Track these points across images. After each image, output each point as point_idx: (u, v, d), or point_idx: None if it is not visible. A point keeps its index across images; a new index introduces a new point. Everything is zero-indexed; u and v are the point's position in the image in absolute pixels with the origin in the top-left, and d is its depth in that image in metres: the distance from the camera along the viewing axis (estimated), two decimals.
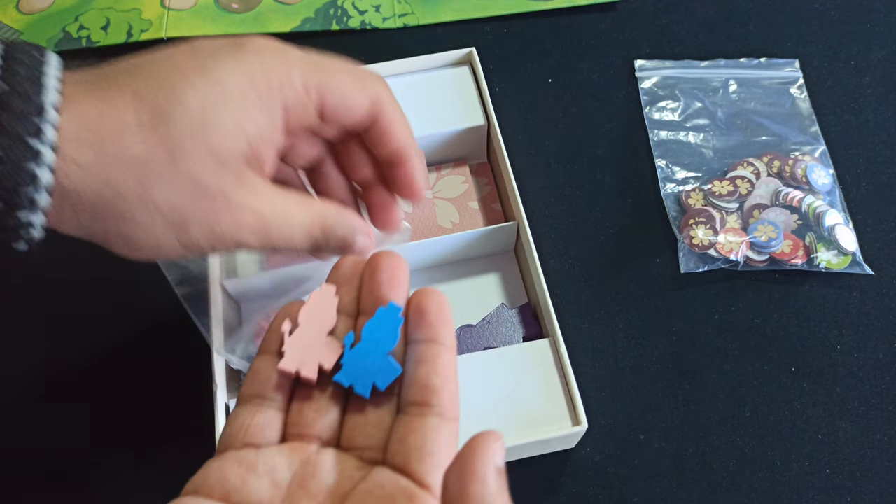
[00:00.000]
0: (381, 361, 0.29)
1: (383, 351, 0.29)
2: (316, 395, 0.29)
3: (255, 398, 0.29)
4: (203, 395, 0.43)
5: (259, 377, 0.30)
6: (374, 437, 0.28)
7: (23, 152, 0.26)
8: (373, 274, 0.31)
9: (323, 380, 0.30)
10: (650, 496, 0.44)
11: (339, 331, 0.30)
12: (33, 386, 0.48)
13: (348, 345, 0.29)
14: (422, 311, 0.29)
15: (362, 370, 0.29)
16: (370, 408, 0.29)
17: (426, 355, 0.28)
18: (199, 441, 0.43)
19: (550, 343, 0.44)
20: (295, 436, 0.29)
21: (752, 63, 0.60)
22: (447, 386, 0.28)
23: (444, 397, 0.28)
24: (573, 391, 0.42)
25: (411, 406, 0.28)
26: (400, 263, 0.31)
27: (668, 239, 0.53)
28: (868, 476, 0.45)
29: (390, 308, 0.29)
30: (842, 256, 0.51)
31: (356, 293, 0.31)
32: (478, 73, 0.54)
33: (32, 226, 0.27)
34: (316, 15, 0.64)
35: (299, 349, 0.29)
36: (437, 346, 0.29)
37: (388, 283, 0.30)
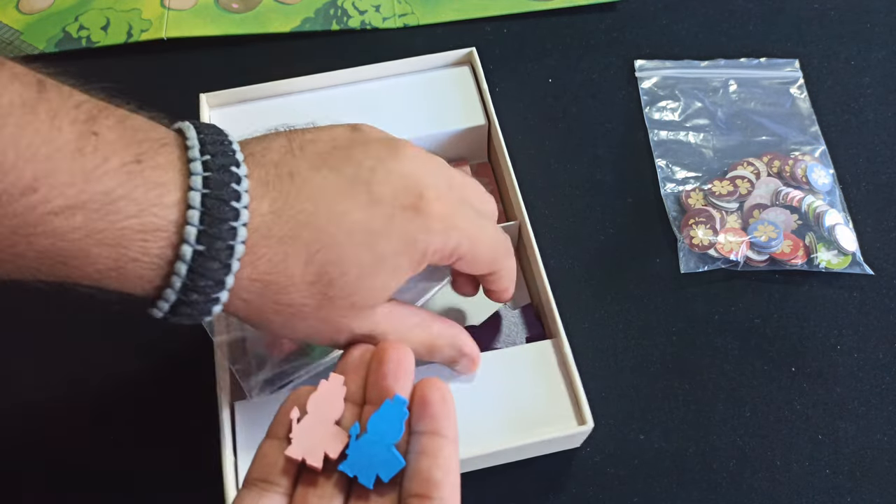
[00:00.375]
0: (385, 453, 0.30)
1: (388, 443, 0.30)
2: (321, 482, 0.30)
3: (261, 482, 0.30)
4: (209, 398, 0.44)
5: (265, 461, 0.31)
6: None
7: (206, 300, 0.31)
8: (379, 365, 0.32)
9: (328, 467, 0.30)
10: (650, 496, 0.44)
11: (344, 420, 0.32)
12: (38, 388, 0.48)
13: (354, 435, 0.30)
14: (425, 403, 0.30)
15: (367, 461, 0.30)
16: (373, 498, 0.30)
17: (428, 448, 0.30)
18: (204, 444, 0.43)
19: (554, 343, 0.44)
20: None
21: (752, 63, 0.60)
22: (448, 479, 0.29)
23: (445, 490, 0.29)
24: (578, 391, 0.42)
25: (413, 498, 0.29)
26: (405, 354, 0.32)
27: (668, 239, 0.53)
28: (868, 476, 0.45)
29: (396, 401, 0.30)
30: (842, 256, 0.51)
31: (363, 382, 0.33)
32: (478, 72, 0.54)
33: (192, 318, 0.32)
34: (316, 15, 0.64)
35: (306, 437, 0.31)
36: (439, 438, 0.30)
37: (393, 374, 0.32)
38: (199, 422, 0.44)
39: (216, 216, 0.29)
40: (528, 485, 0.44)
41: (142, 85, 0.61)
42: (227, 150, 0.31)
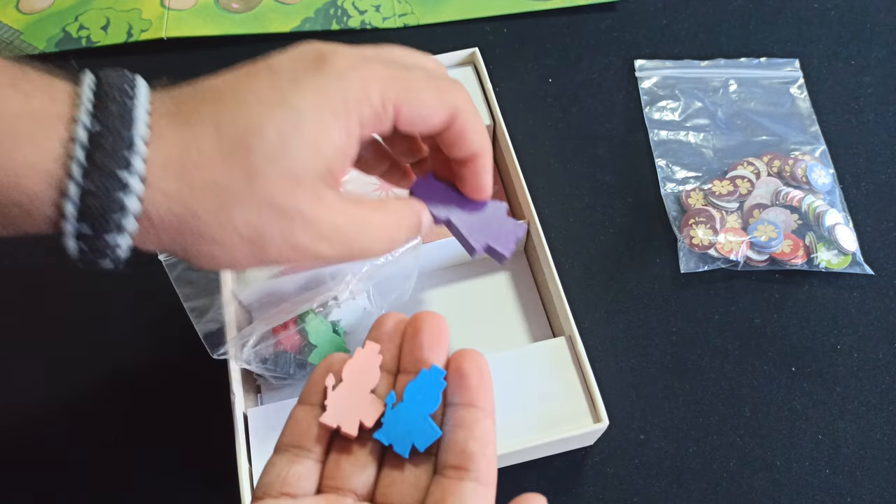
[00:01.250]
0: (421, 423, 0.29)
1: (424, 413, 0.30)
2: (354, 450, 0.30)
3: (293, 448, 0.30)
4: (222, 405, 0.44)
5: (298, 428, 0.31)
6: (410, 496, 0.29)
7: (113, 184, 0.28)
8: (415, 335, 0.31)
9: (362, 435, 0.30)
10: (650, 496, 0.44)
11: (379, 389, 0.31)
12: (40, 391, 0.49)
13: (390, 404, 0.30)
14: (462, 375, 0.30)
15: (402, 430, 0.29)
16: (407, 467, 0.29)
17: (465, 420, 0.29)
18: (216, 450, 0.43)
19: (567, 341, 0.44)
20: (331, 488, 0.29)
21: (752, 63, 0.60)
22: (485, 451, 0.28)
23: (481, 463, 0.28)
24: (592, 388, 0.42)
25: (449, 469, 0.28)
26: (442, 325, 0.31)
27: (668, 239, 0.53)
28: (868, 476, 0.45)
29: (434, 371, 0.30)
30: (842, 256, 0.51)
31: (397, 351, 0.32)
32: (481, 73, 0.54)
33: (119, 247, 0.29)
34: (316, 15, 0.64)
35: (341, 404, 0.30)
36: (476, 410, 0.29)
37: (429, 345, 0.31)
38: (213, 429, 0.44)
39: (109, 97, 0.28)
40: (529, 485, 0.44)
41: None
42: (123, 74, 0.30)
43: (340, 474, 0.29)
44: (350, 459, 0.30)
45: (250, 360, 0.43)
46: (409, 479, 0.29)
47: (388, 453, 0.30)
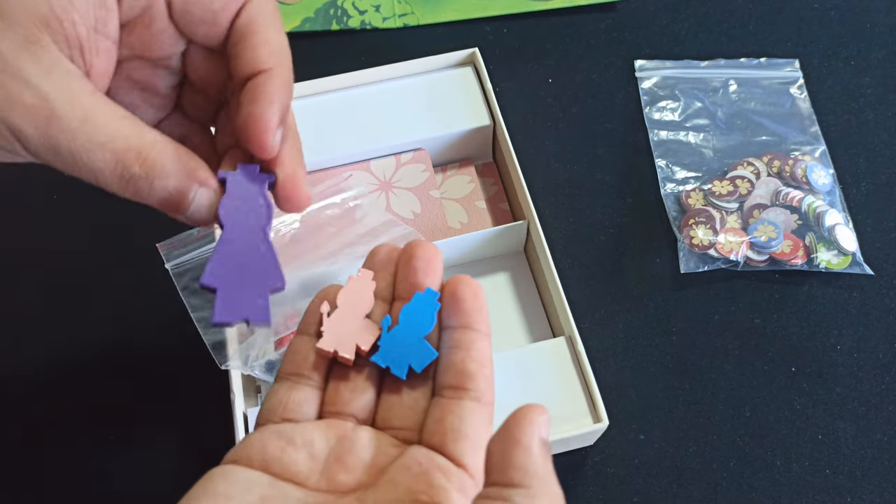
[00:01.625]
0: (417, 344, 0.29)
1: (420, 334, 0.30)
2: (352, 376, 0.30)
3: (293, 376, 0.30)
4: (222, 405, 0.44)
5: (297, 356, 0.30)
6: (410, 418, 0.29)
7: None
8: (409, 261, 0.31)
9: (359, 361, 0.30)
10: (650, 496, 0.44)
11: (375, 314, 0.31)
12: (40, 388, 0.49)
13: (385, 327, 0.30)
14: (457, 299, 0.30)
15: (399, 352, 0.30)
16: (405, 390, 0.29)
17: (462, 341, 0.29)
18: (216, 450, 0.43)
19: (567, 341, 0.44)
20: (331, 413, 0.29)
21: (752, 63, 0.60)
22: (483, 371, 0.29)
23: (479, 382, 0.28)
24: (592, 388, 0.42)
25: (447, 389, 0.28)
26: (435, 252, 0.31)
27: (668, 239, 0.53)
28: (868, 476, 0.45)
29: (428, 293, 0.30)
30: (842, 256, 0.51)
31: (391, 279, 0.32)
32: (481, 73, 0.54)
33: None
34: (316, 15, 0.64)
35: (337, 330, 0.30)
36: (472, 332, 0.29)
37: (423, 270, 0.31)
38: (213, 429, 0.44)
39: None
40: None
41: None
42: None
43: (340, 399, 0.29)
44: (349, 385, 0.30)
45: (254, 369, 0.43)
46: (407, 402, 0.29)
47: (386, 378, 0.30)
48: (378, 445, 0.28)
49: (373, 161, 0.53)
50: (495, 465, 0.23)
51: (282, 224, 0.48)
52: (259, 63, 0.28)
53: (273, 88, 0.28)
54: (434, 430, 0.27)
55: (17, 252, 0.53)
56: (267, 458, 0.27)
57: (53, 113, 0.25)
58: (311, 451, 0.27)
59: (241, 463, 0.27)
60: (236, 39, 0.29)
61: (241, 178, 0.29)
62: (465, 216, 0.53)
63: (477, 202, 0.53)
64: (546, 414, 0.24)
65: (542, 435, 0.24)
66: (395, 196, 0.52)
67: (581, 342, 0.44)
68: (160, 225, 0.48)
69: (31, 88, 0.25)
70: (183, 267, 0.44)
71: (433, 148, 0.53)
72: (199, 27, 0.29)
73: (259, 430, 0.28)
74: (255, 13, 0.29)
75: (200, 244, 0.45)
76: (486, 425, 0.28)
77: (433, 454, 0.27)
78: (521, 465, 0.23)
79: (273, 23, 0.29)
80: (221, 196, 0.29)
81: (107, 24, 0.27)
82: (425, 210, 0.51)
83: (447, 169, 0.55)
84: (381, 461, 0.27)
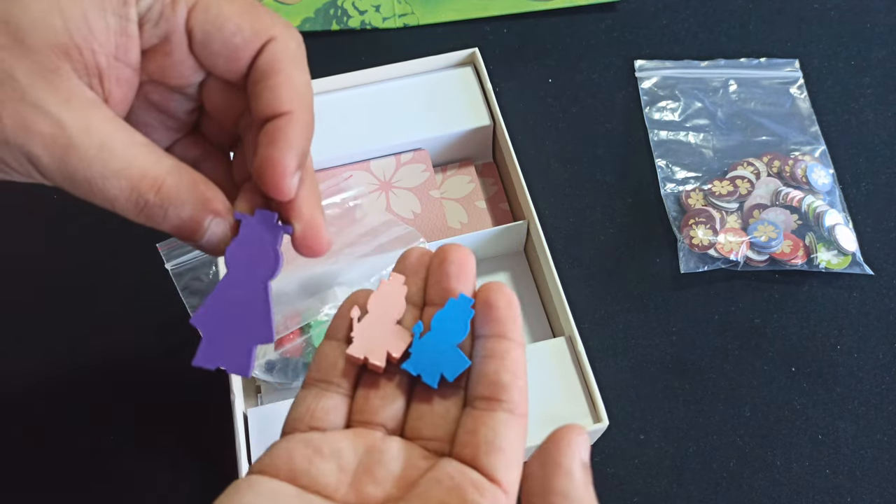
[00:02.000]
0: (450, 352, 0.29)
1: (453, 342, 0.29)
2: (382, 383, 0.29)
3: (321, 382, 0.29)
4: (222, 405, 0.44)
5: (325, 362, 0.30)
6: (441, 428, 0.28)
7: None
8: (441, 265, 0.30)
9: (390, 368, 0.29)
10: (650, 496, 0.44)
11: (406, 321, 0.30)
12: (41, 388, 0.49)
13: (417, 334, 0.29)
14: (491, 307, 0.29)
15: (431, 360, 0.29)
16: (437, 399, 0.29)
17: (495, 350, 0.28)
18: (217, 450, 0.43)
19: (567, 341, 0.44)
20: (360, 422, 0.29)
21: (752, 63, 0.60)
22: (517, 382, 0.28)
23: (513, 393, 0.28)
24: (592, 388, 0.42)
25: (480, 400, 0.28)
26: (468, 256, 0.30)
27: (668, 239, 0.53)
28: (868, 476, 0.45)
29: (462, 300, 0.29)
30: (842, 256, 0.51)
31: (422, 284, 0.31)
32: (481, 73, 0.54)
33: None
34: (316, 15, 0.64)
35: (368, 336, 0.29)
36: (506, 341, 0.28)
37: (456, 275, 0.30)
38: (213, 429, 0.44)
39: None
40: None
41: None
42: None
43: (369, 408, 0.29)
44: (378, 393, 0.29)
45: (255, 370, 0.43)
46: (438, 412, 0.28)
47: (417, 386, 0.29)
48: (408, 457, 0.27)
49: (373, 161, 0.53)
50: (535, 489, 0.23)
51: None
52: (280, 105, 0.28)
53: (293, 133, 0.28)
54: (466, 443, 0.27)
55: (17, 252, 0.53)
56: (294, 469, 0.26)
57: (71, 142, 0.25)
58: (340, 461, 0.27)
59: (268, 473, 0.26)
60: (257, 78, 0.28)
61: (256, 224, 0.29)
62: (465, 216, 0.53)
63: (477, 202, 0.53)
64: (585, 434, 0.23)
65: (583, 457, 0.23)
66: (395, 196, 0.52)
67: (581, 342, 0.44)
68: None
69: (48, 117, 0.25)
70: (183, 267, 0.44)
71: (433, 148, 0.53)
72: (218, 60, 0.29)
73: (286, 438, 0.28)
74: (279, 52, 0.28)
75: None
76: (520, 438, 0.27)
77: (465, 468, 0.26)
78: (563, 490, 0.22)
79: (297, 63, 0.29)
80: (235, 233, 0.29)
81: (127, 52, 0.27)
82: (425, 210, 0.51)
83: (447, 169, 0.55)
84: (411, 474, 0.27)
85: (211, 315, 0.29)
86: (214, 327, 0.29)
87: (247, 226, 0.29)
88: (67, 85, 0.25)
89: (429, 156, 0.53)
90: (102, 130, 0.26)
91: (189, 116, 0.32)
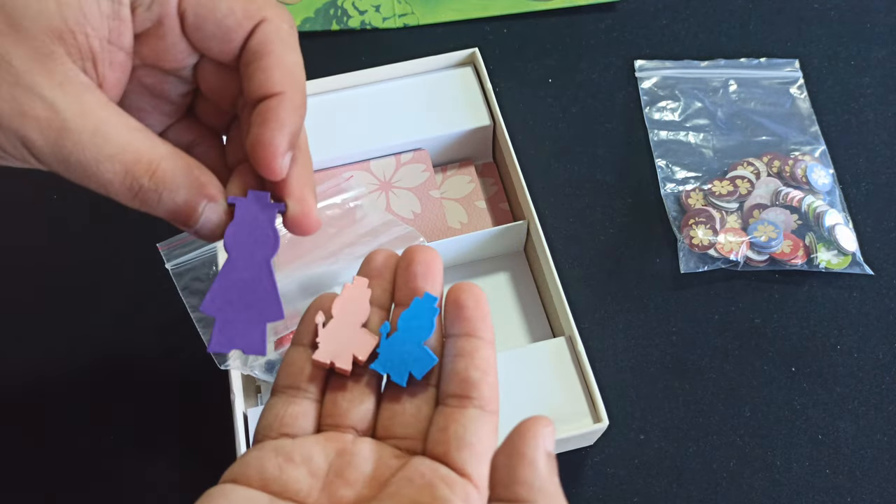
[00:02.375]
0: (417, 351, 0.29)
1: (419, 340, 0.29)
2: (350, 386, 0.29)
3: (289, 389, 0.29)
4: (222, 405, 0.44)
5: (293, 368, 0.30)
6: (412, 426, 0.28)
7: None
8: (408, 266, 0.30)
9: (357, 371, 0.30)
10: (650, 496, 0.44)
11: (372, 322, 0.31)
12: (40, 387, 0.49)
13: (384, 334, 0.30)
14: (460, 306, 0.29)
15: (399, 359, 0.29)
16: (406, 398, 0.29)
17: (465, 349, 0.29)
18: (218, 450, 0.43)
19: (567, 341, 0.44)
20: (330, 426, 0.29)
21: (752, 63, 0.60)
22: (487, 379, 0.28)
23: (483, 390, 0.28)
24: (592, 388, 0.42)
25: (451, 398, 0.28)
26: (434, 257, 0.31)
27: (668, 239, 0.53)
28: (868, 476, 0.45)
29: (427, 298, 0.30)
30: (842, 256, 0.51)
31: (388, 286, 0.31)
32: (481, 73, 0.54)
33: None
34: (316, 15, 0.64)
35: (333, 340, 0.29)
36: (475, 339, 0.29)
37: (423, 275, 0.30)
38: (213, 429, 0.44)
39: None
40: None
41: None
42: None
43: (338, 411, 0.29)
44: (347, 396, 0.29)
45: (254, 369, 0.43)
46: (409, 410, 0.29)
47: (386, 387, 0.30)
48: (379, 457, 0.27)
49: (373, 161, 0.53)
50: (500, 479, 0.23)
51: (282, 224, 0.48)
52: (271, 86, 0.28)
53: (284, 113, 0.28)
54: (438, 440, 0.27)
55: (18, 252, 0.53)
56: (266, 477, 0.27)
57: (65, 125, 0.25)
58: (311, 467, 0.27)
59: (241, 482, 0.27)
60: (249, 59, 0.28)
61: (250, 206, 0.29)
62: (465, 216, 0.53)
63: (477, 202, 0.53)
64: (551, 425, 0.24)
65: (548, 448, 0.23)
66: (395, 196, 0.52)
67: (581, 342, 0.44)
68: (160, 225, 0.48)
69: (42, 101, 0.25)
70: (183, 267, 0.44)
71: (433, 148, 0.53)
72: (211, 42, 0.29)
73: (257, 446, 0.28)
74: (270, 33, 0.28)
75: (200, 244, 0.45)
76: (491, 434, 0.27)
77: (436, 465, 0.26)
78: (527, 480, 0.23)
79: (288, 44, 0.29)
80: (230, 217, 0.29)
81: (120, 36, 0.27)
82: (425, 210, 0.51)
83: (447, 169, 0.55)
84: (382, 473, 0.27)
85: (219, 300, 0.29)
86: (225, 311, 0.29)
87: (241, 208, 0.29)
88: (62, 69, 0.25)
89: (429, 156, 0.53)
90: (96, 115, 0.26)
91: (183, 99, 0.32)
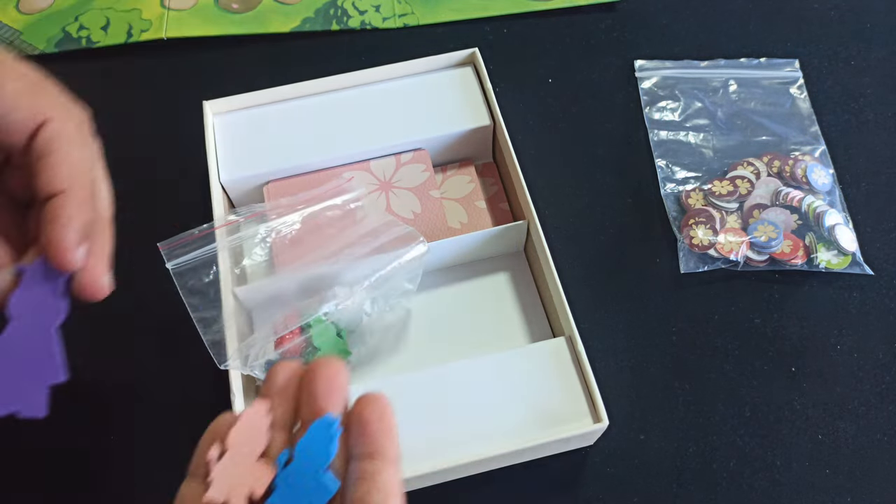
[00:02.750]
0: (314, 481, 0.28)
1: (318, 468, 0.28)
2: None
3: None
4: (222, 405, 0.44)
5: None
6: None
7: None
8: (310, 384, 0.30)
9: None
10: (650, 496, 0.44)
11: (274, 446, 0.30)
12: None
13: (282, 464, 0.29)
14: (362, 423, 0.28)
15: (296, 491, 0.28)
16: None
17: (366, 471, 0.28)
18: None
19: (567, 341, 0.44)
20: None
21: (752, 63, 0.60)
22: (387, 502, 0.27)
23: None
24: (592, 388, 0.42)
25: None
26: (338, 371, 0.30)
27: (668, 239, 0.53)
28: (868, 476, 0.45)
29: (325, 421, 0.28)
30: (842, 256, 0.51)
31: (293, 403, 0.30)
32: (481, 73, 0.54)
33: None
34: (316, 15, 0.64)
35: (228, 476, 0.28)
36: (377, 461, 0.28)
37: (325, 393, 0.29)
38: None
39: None
40: (529, 485, 0.44)
41: (142, 85, 0.61)
42: None
43: None
44: None
45: (254, 369, 0.43)
46: None
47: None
48: None
49: (373, 161, 0.53)
50: None
51: (282, 225, 0.48)
52: (55, 184, 0.28)
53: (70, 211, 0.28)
54: None
55: None
56: None
57: None
58: None
59: None
60: (36, 156, 0.29)
61: (38, 273, 0.29)
62: (465, 216, 0.53)
63: (477, 202, 0.53)
64: None
65: None
66: (395, 196, 0.52)
67: (581, 342, 0.44)
68: (160, 225, 0.48)
69: None
70: (183, 267, 0.44)
71: (433, 148, 0.53)
72: None
73: None
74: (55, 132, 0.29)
75: (201, 244, 0.45)
76: None
77: None
78: None
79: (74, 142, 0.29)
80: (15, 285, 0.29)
81: None
82: (425, 210, 0.51)
83: (447, 169, 0.55)
84: None
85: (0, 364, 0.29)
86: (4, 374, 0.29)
87: (29, 276, 0.29)
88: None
89: (429, 156, 0.53)
90: None
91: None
